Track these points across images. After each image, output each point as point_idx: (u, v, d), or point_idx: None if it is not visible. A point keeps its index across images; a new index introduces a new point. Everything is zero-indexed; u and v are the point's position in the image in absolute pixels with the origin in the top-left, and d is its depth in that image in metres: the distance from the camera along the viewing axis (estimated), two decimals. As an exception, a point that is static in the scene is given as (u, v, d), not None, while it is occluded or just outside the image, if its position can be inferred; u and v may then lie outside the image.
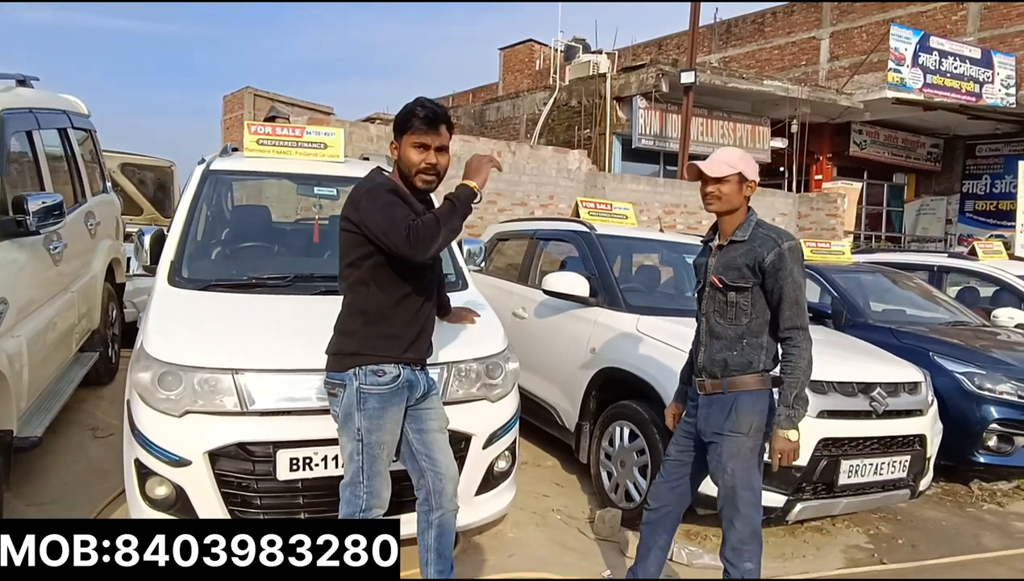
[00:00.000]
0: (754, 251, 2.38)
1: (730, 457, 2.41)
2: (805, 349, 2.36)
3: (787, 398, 2.35)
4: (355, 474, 2.23)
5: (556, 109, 14.18)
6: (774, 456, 2.38)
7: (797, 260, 2.36)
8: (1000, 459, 4.36)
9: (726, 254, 2.46)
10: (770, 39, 20.61)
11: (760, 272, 2.36)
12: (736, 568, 2.46)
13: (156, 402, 2.49)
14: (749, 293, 2.39)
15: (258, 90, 23.28)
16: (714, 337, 2.46)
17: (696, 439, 2.56)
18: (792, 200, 13.23)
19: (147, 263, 3.28)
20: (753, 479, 2.45)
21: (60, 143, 4.43)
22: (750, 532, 2.44)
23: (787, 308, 2.35)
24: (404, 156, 2.26)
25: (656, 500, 2.67)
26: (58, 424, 3.86)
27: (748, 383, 2.41)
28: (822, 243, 6.51)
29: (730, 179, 2.41)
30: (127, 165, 8.07)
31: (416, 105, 2.24)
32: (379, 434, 2.23)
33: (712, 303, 2.47)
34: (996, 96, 15.80)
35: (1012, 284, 6.34)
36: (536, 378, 4.43)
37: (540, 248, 5.17)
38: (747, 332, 2.42)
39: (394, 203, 2.17)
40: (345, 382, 2.22)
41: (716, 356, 2.45)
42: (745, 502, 2.43)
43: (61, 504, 3.33)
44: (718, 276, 2.44)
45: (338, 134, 4.22)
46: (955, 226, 17.51)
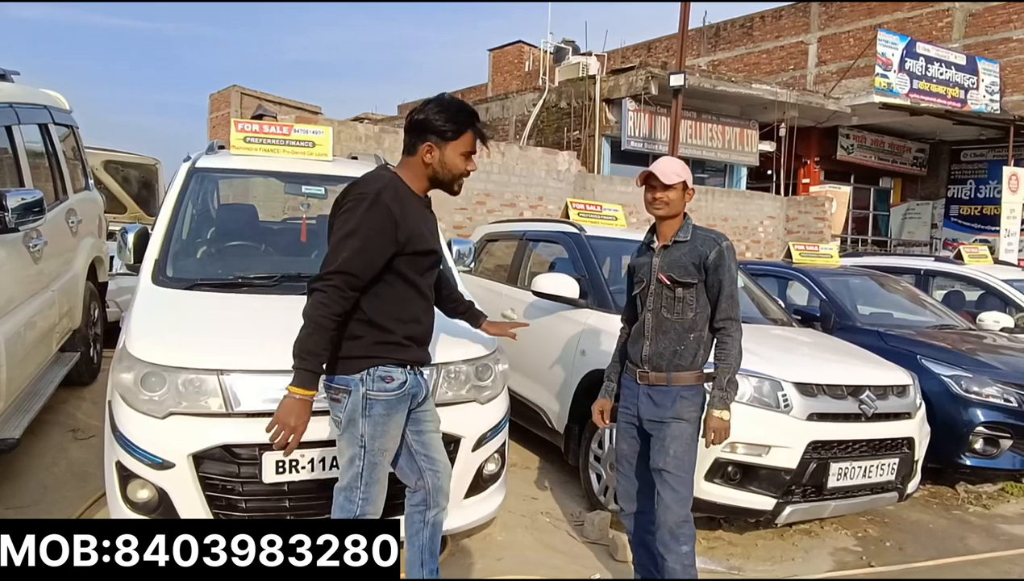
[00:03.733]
0: (697, 250, 2.57)
1: (672, 440, 2.53)
2: (737, 339, 2.57)
3: (721, 381, 2.53)
4: (353, 479, 2.17)
5: (545, 110, 14.16)
6: (708, 435, 2.51)
7: (733, 258, 2.59)
8: (986, 462, 4.39)
9: (671, 254, 2.61)
10: (758, 43, 20.72)
11: (704, 269, 2.55)
12: (673, 552, 2.52)
13: (139, 403, 2.44)
14: (694, 289, 2.57)
15: (245, 88, 23.15)
16: (661, 332, 2.60)
17: (638, 428, 2.66)
18: (780, 203, 13.29)
19: (130, 262, 3.23)
20: (690, 460, 2.57)
21: (41, 139, 4.36)
22: (686, 514, 2.55)
23: (724, 301, 2.55)
24: (448, 161, 2.18)
25: (629, 502, 2.75)
26: (37, 425, 3.80)
27: (690, 379, 2.58)
28: (810, 246, 6.55)
29: (677, 186, 2.59)
30: (110, 162, 7.98)
31: (468, 113, 2.19)
32: (382, 440, 2.17)
33: (659, 299, 2.62)
34: (981, 102, 15.97)
35: (997, 288, 6.40)
36: (525, 380, 4.40)
37: (530, 249, 5.15)
38: (693, 325, 2.57)
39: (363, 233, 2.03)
40: (350, 387, 2.14)
41: (663, 349, 2.59)
42: (684, 484, 2.55)
43: (40, 507, 3.27)
44: (666, 274, 2.60)
45: (326, 133, 4.17)
46: (940, 230, 17.67)
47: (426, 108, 2.18)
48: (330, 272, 2.04)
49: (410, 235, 2.12)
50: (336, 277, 2.03)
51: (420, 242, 2.16)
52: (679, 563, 2.51)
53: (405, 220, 2.11)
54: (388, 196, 2.10)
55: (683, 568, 2.52)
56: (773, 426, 3.30)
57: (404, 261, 2.14)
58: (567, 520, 3.70)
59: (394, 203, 2.10)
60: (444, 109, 2.18)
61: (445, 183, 2.23)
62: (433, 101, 2.19)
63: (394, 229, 2.08)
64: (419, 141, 2.18)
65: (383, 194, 2.09)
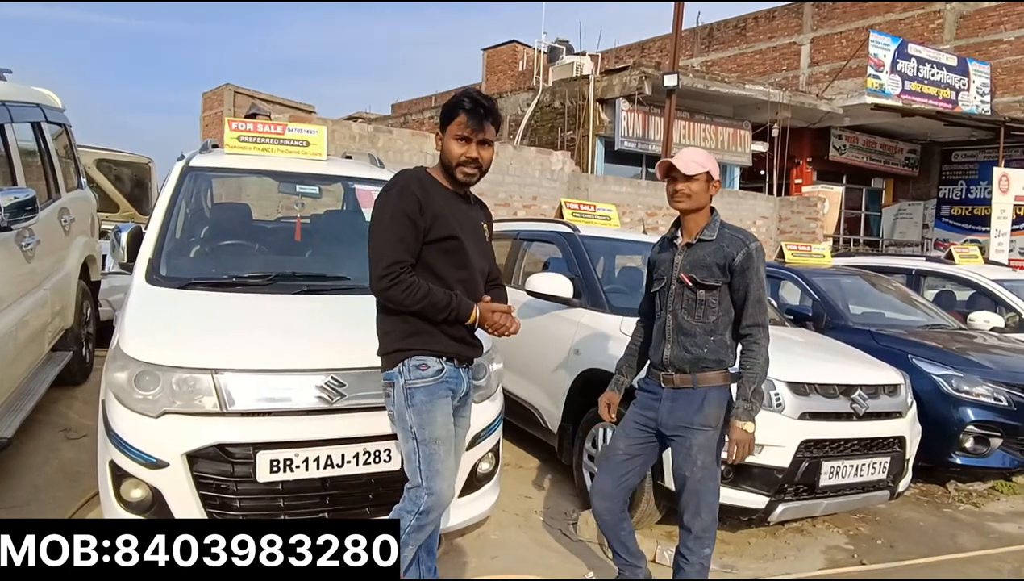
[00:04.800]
0: (723, 250, 2.44)
1: (700, 450, 2.46)
2: (764, 346, 2.43)
3: (746, 391, 2.41)
4: (414, 475, 2.18)
5: (539, 110, 14.18)
6: (731, 447, 2.42)
7: (762, 260, 2.46)
8: (976, 460, 4.42)
9: (694, 253, 2.50)
10: (752, 43, 20.80)
11: (729, 271, 2.42)
12: (696, 555, 2.51)
13: (132, 402, 2.44)
14: (717, 291, 2.45)
15: (238, 87, 23.05)
16: (683, 334, 2.50)
17: (654, 432, 2.58)
18: (773, 203, 13.36)
19: (124, 260, 3.22)
20: (717, 470, 2.55)
21: (33, 137, 4.33)
22: (712, 519, 2.54)
23: (751, 306, 2.42)
24: (446, 147, 2.24)
25: (602, 499, 2.68)
26: (29, 425, 3.77)
27: (716, 379, 2.48)
28: (803, 246, 6.58)
29: (699, 178, 2.47)
30: (103, 161, 7.93)
31: (464, 97, 2.22)
32: (431, 429, 2.18)
33: (680, 300, 2.51)
34: (972, 103, 16.08)
35: (988, 288, 6.45)
36: (519, 379, 4.41)
37: (523, 249, 5.16)
38: (715, 329, 2.47)
39: (401, 218, 2.14)
40: (394, 380, 2.21)
41: (686, 352, 2.49)
42: (712, 492, 2.52)
43: (32, 507, 3.25)
44: (688, 274, 2.48)
45: (320, 132, 4.17)
46: (931, 231, 17.79)
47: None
48: (384, 271, 2.11)
49: (435, 216, 2.18)
50: (393, 268, 2.11)
51: (444, 226, 2.19)
52: (699, 563, 2.51)
53: (428, 203, 2.17)
54: (413, 184, 2.19)
55: (700, 569, 2.53)
56: (766, 425, 3.28)
57: (431, 252, 2.18)
58: (561, 519, 3.71)
59: (417, 188, 2.18)
60: (452, 99, 2.24)
61: (449, 171, 2.26)
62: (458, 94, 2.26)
63: (417, 208, 2.15)
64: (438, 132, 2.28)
65: (409, 183, 2.19)
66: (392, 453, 2.58)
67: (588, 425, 3.80)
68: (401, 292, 2.12)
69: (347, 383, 2.57)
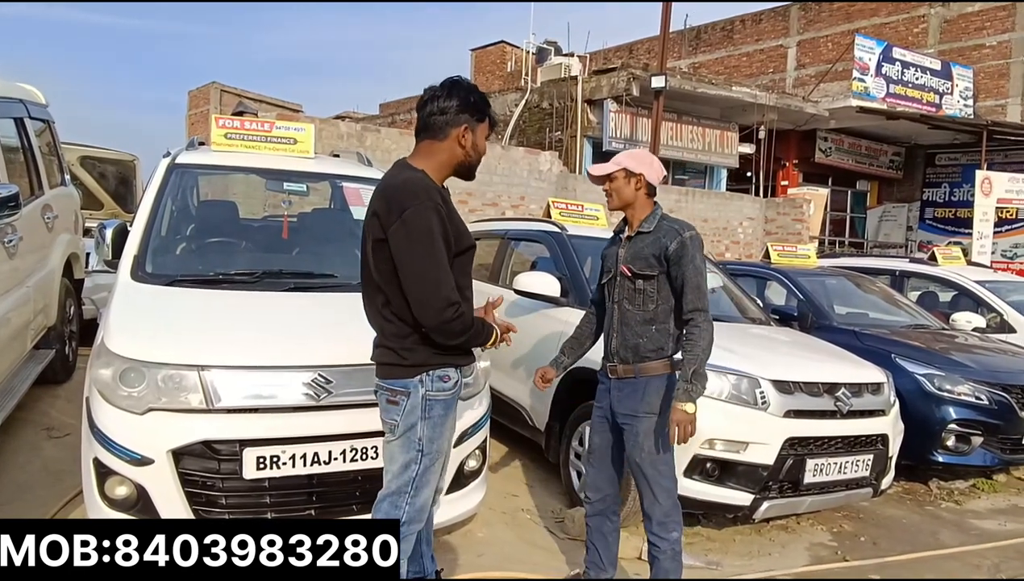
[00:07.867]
0: (659, 241, 2.55)
1: (646, 436, 2.55)
2: (705, 330, 2.49)
3: (686, 373, 2.47)
4: (404, 485, 2.11)
5: (527, 111, 14.18)
6: (672, 428, 2.46)
7: (698, 248, 2.54)
8: (958, 458, 4.48)
9: (634, 245, 2.62)
10: (739, 46, 20.92)
11: (665, 260, 2.53)
12: (665, 540, 2.57)
13: (117, 399, 2.42)
14: (655, 281, 2.56)
15: (225, 85, 22.87)
16: (625, 324, 2.61)
17: (611, 421, 2.68)
18: (759, 205, 13.44)
19: (108, 257, 3.19)
20: (667, 453, 2.59)
21: (16, 133, 4.29)
22: (672, 503, 2.59)
23: (689, 292, 2.51)
24: (480, 144, 2.16)
25: (596, 491, 2.78)
26: (11, 424, 3.73)
27: (657, 368, 2.58)
28: (788, 247, 6.64)
29: (616, 176, 2.61)
30: (87, 158, 7.86)
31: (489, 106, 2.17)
32: (440, 442, 2.15)
33: (622, 291, 2.63)
34: (955, 107, 16.26)
35: (970, 289, 6.54)
36: (506, 378, 4.42)
37: (511, 248, 5.16)
38: (655, 318, 2.57)
39: (441, 240, 1.98)
40: (409, 389, 2.09)
41: (628, 342, 2.60)
42: (665, 475, 2.58)
43: (14, 506, 3.22)
44: (627, 265, 2.60)
45: (308, 130, 4.16)
46: (915, 233, 17.95)
47: (456, 89, 2.10)
48: (447, 304, 1.99)
49: (457, 232, 2.08)
50: (450, 310, 1.99)
51: (465, 238, 2.13)
52: (669, 548, 2.57)
53: (449, 214, 2.07)
54: (435, 195, 2.04)
55: (672, 553, 2.58)
56: (751, 423, 3.34)
57: (455, 265, 2.08)
58: (548, 517, 3.72)
59: (439, 200, 2.04)
60: (473, 90, 2.13)
61: (471, 168, 2.19)
62: (460, 83, 2.13)
63: (446, 231, 2.02)
64: (452, 124, 2.10)
65: (433, 195, 2.03)
66: (379, 450, 2.58)
67: (575, 423, 3.81)
68: (460, 325, 2.02)
69: (334, 380, 2.56)
